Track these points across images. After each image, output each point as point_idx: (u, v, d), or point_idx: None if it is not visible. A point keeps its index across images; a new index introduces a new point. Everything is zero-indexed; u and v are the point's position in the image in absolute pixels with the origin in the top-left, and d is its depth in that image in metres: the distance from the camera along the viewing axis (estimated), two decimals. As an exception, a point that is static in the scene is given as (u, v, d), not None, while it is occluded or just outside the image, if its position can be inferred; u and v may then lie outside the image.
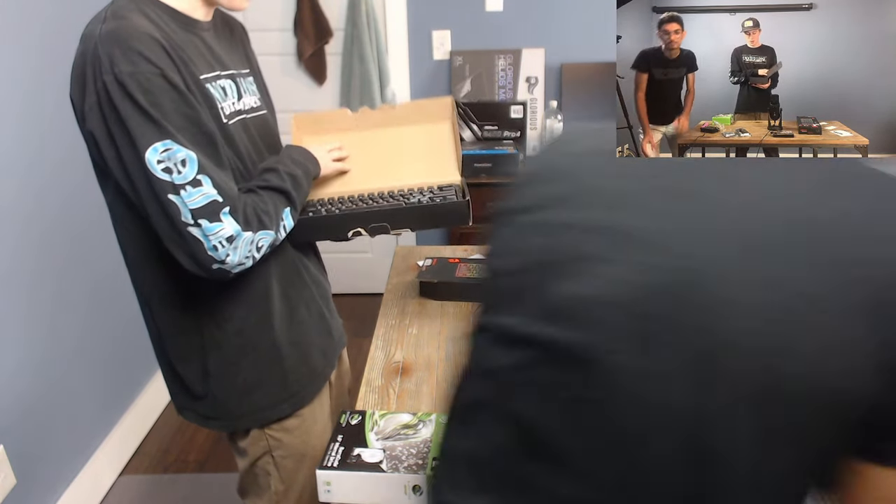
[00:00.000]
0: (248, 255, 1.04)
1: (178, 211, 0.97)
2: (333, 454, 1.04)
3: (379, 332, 1.49)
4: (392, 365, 1.36)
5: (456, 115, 1.45)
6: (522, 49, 2.96)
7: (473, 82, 2.99)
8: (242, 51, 1.27)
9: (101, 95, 0.94)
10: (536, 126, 3.02)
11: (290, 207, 1.14)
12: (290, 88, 3.09)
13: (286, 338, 1.21)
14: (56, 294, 1.99)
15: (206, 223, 0.98)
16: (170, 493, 2.21)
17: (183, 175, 0.96)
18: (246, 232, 1.02)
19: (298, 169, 1.18)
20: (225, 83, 1.12)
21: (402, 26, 2.99)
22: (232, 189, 1.02)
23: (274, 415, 1.23)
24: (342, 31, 2.97)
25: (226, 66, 1.14)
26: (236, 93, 1.15)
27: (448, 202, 1.28)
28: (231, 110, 1.11)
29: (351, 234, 1.26)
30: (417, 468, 1.00)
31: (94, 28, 0.97)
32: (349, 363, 1.55)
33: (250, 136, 1.17)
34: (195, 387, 1.20)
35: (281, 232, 1.12)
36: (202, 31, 1.11)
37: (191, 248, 0.99)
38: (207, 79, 1.06)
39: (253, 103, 1.21)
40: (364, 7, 2.86)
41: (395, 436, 1.08)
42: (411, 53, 3.03)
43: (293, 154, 1.22)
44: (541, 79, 3.00)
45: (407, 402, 1.24)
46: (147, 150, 0.95)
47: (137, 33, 0.95)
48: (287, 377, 1.22)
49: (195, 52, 1.06)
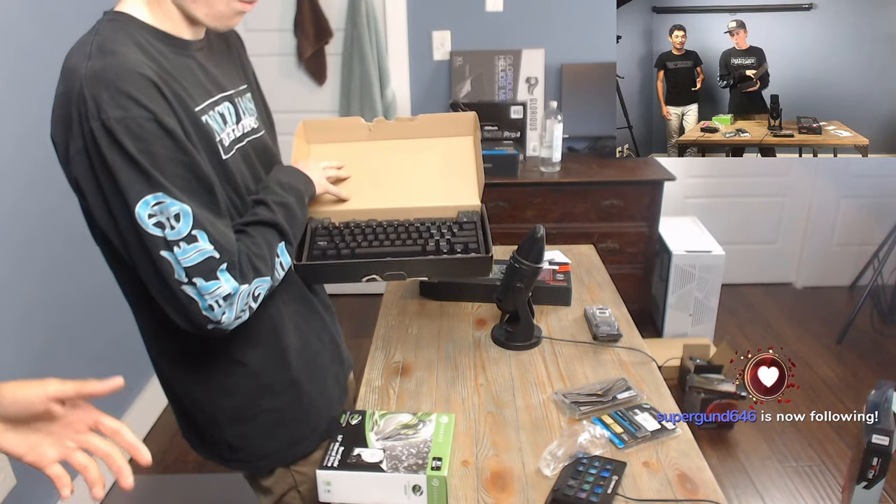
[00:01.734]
0: (244, 307, 0.96)
1: (171, 268, 0.89)
2: (333, 454, 1.04)
3: (379, 332, 1.49)
4: (392, 365, 1.36)
5: (479, 131, 1.34)
6: (522, 49, 2.96)
7: (473, 82, 2.99)
8: (239, 64, 1.19)
9: (88, 142, 0.86)
10: (536, 126, 3.02)
11: (285, 242, 1.05)
12: (290, 89, 3.09)
13: (304, 373, 1.15)
14: (55, 295, 1.99)
15: (201, 282, 0.90)
16: (169, 493, 2.21)
17: (177, 230, 0.88)
18: (243, 286, 0.94)
19: (290, 195, 1.09)
20: (224, 108, 1.05)
21: (402, 26, 2.99)
22: (230, 242, 0.94)
23: (299, 452, 1.18)
24: (342, 32, 2.97)
25: (223, 88, 1.07)
26: (235, 116, 1.08)
27: (470, 258, 1.17)
28: (231, 140, 1.05)
29: (365, 279, 1.18)
30: (417, 468, 1.00)
31: (78, 64, 0.88)
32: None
33: (250, 165, 1.11)
34: (211, 433, 1.14)
35: (278, 273, 1.03)
36: (195, 51, 1.03)
37: (184, 307, 0.91)
38: (205, 108, 0.99)
39: (252, 124, 1.14)
40: (364, 7, 2.86)
41: (395, 436, 1.08)
42: (411, 53, 3.03)
43: (282, 178, 1.12)
44: (541, 79, 3.00)
45: (407, 402, 1.24)
46: (137, 204, 0.87)
47: (126, 72, 0.86)
48: (308, 413, 1.17)
49: (191, 79, 0.99)
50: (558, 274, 1.60)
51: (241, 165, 1.07)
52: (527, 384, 1.28)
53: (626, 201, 2.75)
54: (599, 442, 1.09)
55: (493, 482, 1.04)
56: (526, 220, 2.75)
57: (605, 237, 2.78)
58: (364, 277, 1.18)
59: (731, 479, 2.25)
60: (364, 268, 1.16)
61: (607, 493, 0.99)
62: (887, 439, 1.75)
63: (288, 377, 1.13)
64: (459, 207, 1.27)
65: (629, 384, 1.25)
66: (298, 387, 1.14)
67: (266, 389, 1.12)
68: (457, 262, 1.18)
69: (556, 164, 2.79)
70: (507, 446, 1.12)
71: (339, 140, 1.35)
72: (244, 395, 1.10)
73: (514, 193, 2.74)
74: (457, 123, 1.35)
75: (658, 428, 1.14)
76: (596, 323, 1.44)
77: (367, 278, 1.18)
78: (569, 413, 1.19)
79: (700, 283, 2.88)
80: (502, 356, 1.38)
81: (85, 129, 0.85)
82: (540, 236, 1.32)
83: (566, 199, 2.76)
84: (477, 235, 1.22)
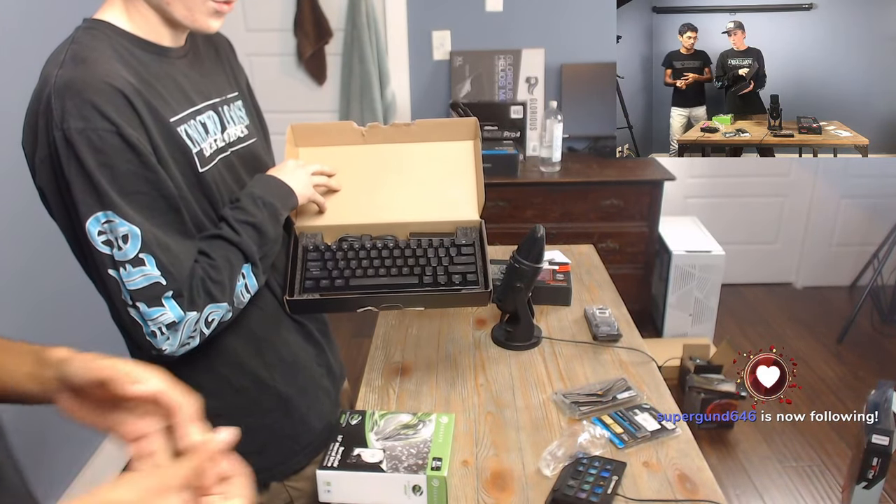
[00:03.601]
0: (192, 334, 0.92)
1: (118, 288, 0.88)
2: (333, 454, 1.04)
3: (379, 332, 1.49)
4: (392, 365, 1.36)
5: (480, 138, 1.27)
6: (522, 49, 2.96)
7: (473, 82, 2.99)
8: (230, 71, 1.16)
9: (52, 151, 0.85)
10: (536, 126, 3.02)
11: (251, 265, 1.00)
12: (289, 89, 3.09)
13: (293, 389, 1.12)
14: (56, 293, 1.98)
15: (144, 307, 0.88)
16: None
17: (123, 252, 0.86)
18: (190, 313, 0.91)
19: (263, 211, 1.03)
20: (205, 118, 1.02)
21: (402, 26, 2.99)
22: (180, 268, 0.91)
23: (291, 467, 1.15)
24: (342, 32, 2.97)
25: (207, 97, 1.04)
26: (220, 126, 1.05)
27: (468, 293, 1.13)
28: (212, 150, 1.01)
29: (360, 311, 1.15)
30: (417, 468, 1.00)
31: (50, 72, 0.86)
32: (348, 367, 1.54)
33: (235, 175, 1.07)
34: None
35: (240, 297, 0.99)
36: (176, 58, 1.00)
37: (129, 329, 0.90)
38: (184, 118, 0.96)
39: (239, 133, 1.11)
40: (364, 7, 2.86)
41: (395, 436, 1.08)
42: (411, 53, 3.03)
43: (256, 191, 1.05)
44: (541, 79, 3.00)
45: (407, 402, 1.24)
46: (88, 220, 0.85)
47: (95, 82, 0.84)
48: (299, 429, 1.14)
49: (171, 88, 0.97)
50: (558, 274, 1.60)
51: (225, 176, 1.04)
52: (527, 384, 1.28)
53: (626, 201, 2.75)
54: (599, 442, 1.09)
55: (493, 482, 1.04)
56: (526, 220, 2.75)
57: (605, 237, 2.78)
58: (359, 309, 1.14)
59: (731, 479, 2.25)
60: (359, 301, 1.13)
61: (607, 493, 0.99)
62: (887, 439, 1.75)
63: (275, 394, 1.10)
64: (458, 223, 1.22)
65: (629, 384, 1.25)
66: (287, 402, 1.12)
67: (254, 407, 1.09)
68: (454, 296, 1.15)
69: (556, 164, 2.79)
70: (507, 446, 1.12)
71: (330, 144, 1.27)
72: (231, 412, 1.05)
73: (514, 193, 2.74)
74: (456, 129, 1.27)
75: (658, 428, 1.14)
76: (596, 323, 1.44)
77: (362, 310, 1.14)
78: (569, 413, 1.19)
79: (700, 283, 2.88)
80: (502, 356, 1.38)
81: (50, 137, 0.84)
82: (540, 236, 1.32)
83: (566, 199, 2.76)
84: (476, 262, 1.16)
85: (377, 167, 1.26)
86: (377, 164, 1.26)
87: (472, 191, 1.25)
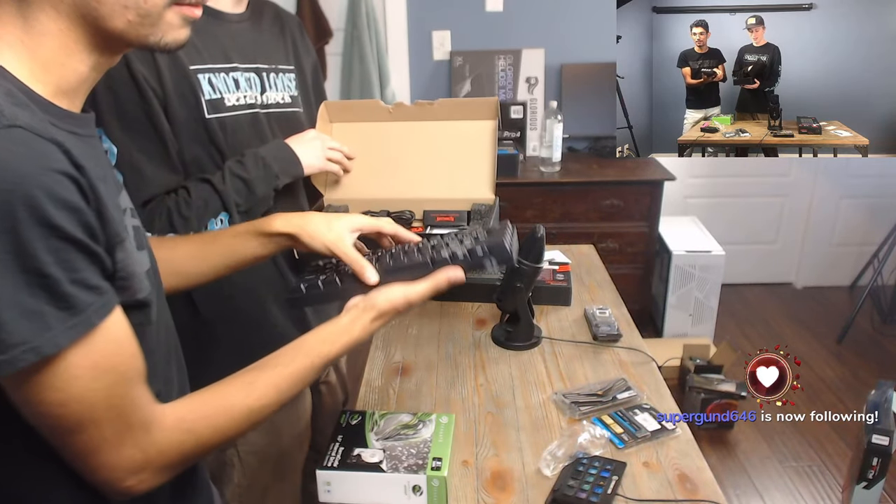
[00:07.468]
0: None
1: None
2: (333, 454, 1.04)
3: (379, 331, 1.48)
4: (392, 365, 1.36)
5: (499, 117, 1.36)
6: (522, 49, 2.96)
7: (473, 82, 2.99)
8: (291, 47, 1.26)
9: None
10: (536, 126, 3.02)
11: (228, 215, 1.08)
12: (290, 88, 3.09)
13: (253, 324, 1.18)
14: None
15: None
16: None
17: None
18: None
19: (257, 171, 1.11)
20: (240, 76, 1.12)
21: (402, 26, 2.99)
22: (146, 191, 1.00)
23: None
24: (342, 31, 2.97)
25: (252, 60, 1.14)
26: (259, 86, 1.15)
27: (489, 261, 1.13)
28: (237, 104, 1.11)
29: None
30: (417, 468, 1.00)
31: None
32: (346, 368, 1.54)
33: (258, 131, 1.15)
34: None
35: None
36: (230, 21, 1.12)
37: None
38: (211, 69, 1.06)
39: (280, 99, 1.20)
40: (364, 7, 2.87)
41: (395, 436, 1.07)
42: (411, 53, 3.03)
43: (262, 151, 1.14)
44: (541, 79, 3.00)
45: (407, 402, 1.24)
46: None
47: None
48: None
49: (209, 42, 1.06)
50: (558, 274, 1.60)
51: (246, 130, 1.13)
52: (527, 384, 1.28)
53: (626, 201, 2.75)
54: (599, 442, 1.09)
55: (493, 482, 1.04)
56: (526, 220, 2.75)
57: (605, 237, 2.79)
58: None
59: (731, 479, 2.25)
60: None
61: (607, 493, 0.99)
62: (887, 439, 1.75)
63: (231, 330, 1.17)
64: (473, 200, 1.29)
65: (629, 384, 1.25)
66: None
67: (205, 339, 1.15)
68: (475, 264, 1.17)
69: (556, 164, 2.79)
70: (507, 446, 1.12)
71: (359, 120, 1.37)
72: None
73: (514, 193, 2.74)
74: (478, 108, 1.35)
75: (658, 428, 1.14)
76: (596, 323, 1.44)
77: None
78: (569, 413, 1.19)
79: (700, 283, 2.88)
80: (502, 356, 1.37)
81: None
82: (540, 236, 1.32)
83: (566, 199, 2.76)
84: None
85: (402, 144, 1.35)
86: (402, 140, 1.35)
87: (488, 169, 1.31)
